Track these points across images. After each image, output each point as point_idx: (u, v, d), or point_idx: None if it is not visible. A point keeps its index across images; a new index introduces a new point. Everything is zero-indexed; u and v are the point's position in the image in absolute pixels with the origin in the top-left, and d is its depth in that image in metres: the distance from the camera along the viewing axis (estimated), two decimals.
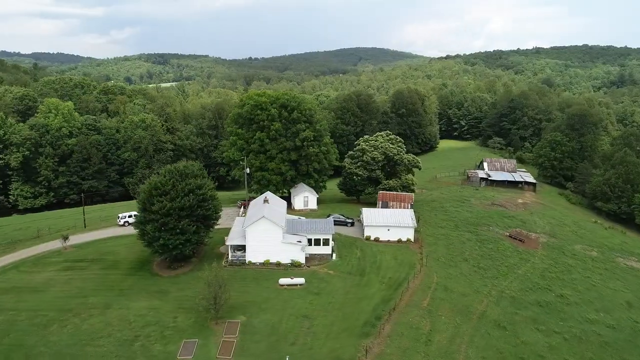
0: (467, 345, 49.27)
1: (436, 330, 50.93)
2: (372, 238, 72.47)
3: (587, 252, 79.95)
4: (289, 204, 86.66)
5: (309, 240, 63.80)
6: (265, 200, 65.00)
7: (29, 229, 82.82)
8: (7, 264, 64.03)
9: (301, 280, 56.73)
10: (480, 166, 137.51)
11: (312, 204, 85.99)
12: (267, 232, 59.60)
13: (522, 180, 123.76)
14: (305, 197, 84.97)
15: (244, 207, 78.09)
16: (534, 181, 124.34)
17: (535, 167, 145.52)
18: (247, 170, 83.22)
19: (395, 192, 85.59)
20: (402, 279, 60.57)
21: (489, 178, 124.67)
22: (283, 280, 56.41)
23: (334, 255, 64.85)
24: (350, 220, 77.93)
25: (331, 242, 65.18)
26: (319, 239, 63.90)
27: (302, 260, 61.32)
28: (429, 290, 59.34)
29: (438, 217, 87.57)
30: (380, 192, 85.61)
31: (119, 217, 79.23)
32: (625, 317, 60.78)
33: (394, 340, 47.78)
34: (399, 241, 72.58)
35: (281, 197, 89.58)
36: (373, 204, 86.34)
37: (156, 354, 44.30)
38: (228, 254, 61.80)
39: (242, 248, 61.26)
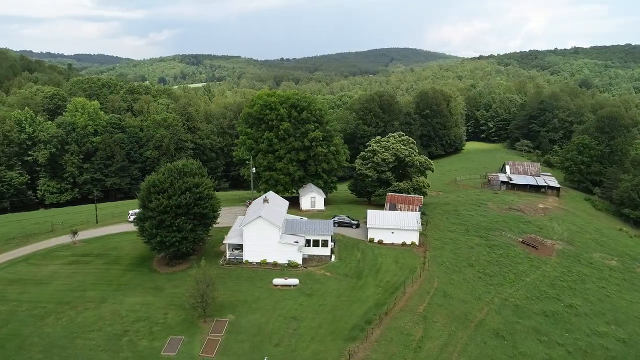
0: (459, 354, 47.62)
1: (428, 337, 49.46)
2: (375, 240, 71.29)
3: (606, 261, 76.14)
4: (297, 205, 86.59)
5: (308, 241, 63.31)
6: (265, 200, 64.95)
7: (46, 224, 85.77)
8: (18, 257, 66.49)
9: (295, 281, 56.30)
10: (502, 169, 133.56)
11: (320, 205, 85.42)
12: (264, 231, 59.47)
13: (545, 184, 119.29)
14: (312, 198, 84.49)
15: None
16: (558, 186, 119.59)
17: (561, 171, 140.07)
18: (254, 170, 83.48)
19: (403, 195, 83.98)
20: (399, 283, 59.23)
21: (510, 182, 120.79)
22: (277, 281, 56.14)
23: (333, 256, 64.12)
24: (355, 222, 76.97)
25: (330, 244, 64.46)
26: (318, 240, 63.26)
27: (299, 261, 60.89)
28: (427, 295, 57.77)
29: (449, 221, 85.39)
30: (389, 194, 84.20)
31: (129, 213, 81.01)
32: (639, 331, 57.47)
33: (381, 345, 46.69)
34: (403, 244, 71.10)
35: (290, 197, 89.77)
36: (383, 206, 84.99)
37: (141, 350, 44.83)
38: (226, 253, 62.05)
39: (240, 247, 61.41)
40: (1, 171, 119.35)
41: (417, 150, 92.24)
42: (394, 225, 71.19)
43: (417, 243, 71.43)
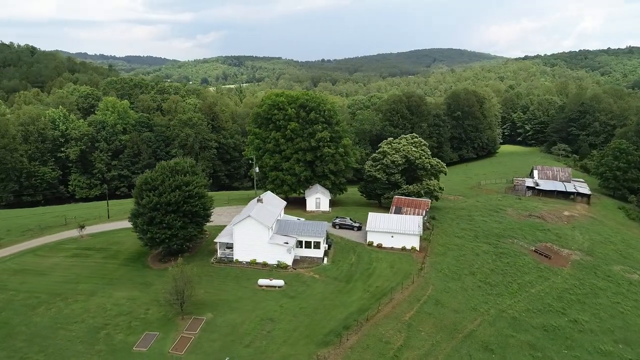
0: None
1: (408, 347, 47.55)
2: (375, 244, 69.59)
3: (627, 275, 70.86)
4: (304, 205, 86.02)
5: (300, 243, 62.64)
6: (259, 200, 64.80)
7: (64, 217, 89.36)
8: (28, 248, 69.59)
9: (280, 282, 55.74)
10: (531, 174, 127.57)
11: (325, 206, 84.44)
12: (254, 231, 59.31)
13: (574, 191, 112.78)
14: (317, 199, 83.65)
15: None
16: (589, 192, 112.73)
17: (596, 177, 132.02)
18: (257, 169, 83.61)
19: (410, 198, 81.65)
20: (390, 289, 57.37)
21: (537, 187, 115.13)
22: (262, 281, 55.79)
23: (326, 259, 63.07)
24: (357, 225, 75.45)
25: (324, 246, 63.48)
26: (310, 242, 62.42)
27: (289, 262, 60.28)
28: (417, 302, 55.66)
29: (459, 226, 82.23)
30: (395, 197, 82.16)
31: None
32: None
33: (355, 352, 45.29)
34: (403, 249, 69.02)
35: (297, 198, 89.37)
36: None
37: (116, 343, 45.63)
38: (217, 251, 62.34)
39: (231, 246, 61.50)
40: (35, 166, 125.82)
41: (429, 153, 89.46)
42: (393, 228, 69.26)
43: (417, 248, 69.14)
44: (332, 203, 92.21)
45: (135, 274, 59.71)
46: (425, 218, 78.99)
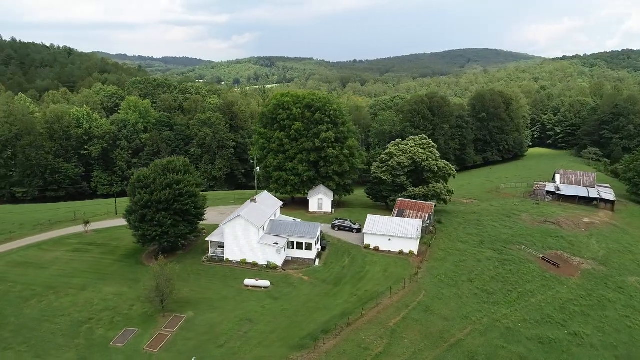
0: None
1: (388, 354, 46.14)
2: (371, 247, 68.21)
3: None
4: (307, 206, 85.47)
5: (293, 244, 62.05)
6: (253, 200, 64.61)
7: (77, 213, 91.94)
8: (34, 242, 71.85)
9: (266, 283, 55.33)
10: (553, 178, 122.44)
11: (327, 207, 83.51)
12: (244, 231, 59.16)
13: (597, 196, 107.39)
14: (319, 200, 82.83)
15: None
16: (613, 199, 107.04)
17: (624, 182, 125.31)
18: (257, 169, 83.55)
19: (414, 201, 79.63)
20: (379, 294, 56.00)
21: (557, 192, 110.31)
22: (248, 281, 55.55)
23: (318, 260, 62.24)
24: (356, 227, 74.19)
25: (316, 247, 62.68)
26: (302, 243, 61.72)
27: (279, 263, 59.80)
28: (405, 308, 54.03)
29: (465, 231, 79.62)
30: (399, 199, 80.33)
31: None
32: None
33: (330, 357, 44.29)
34: (401, 253, 67.34)
35: (302, 198, 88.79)
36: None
37: (95, 338, 46.35)
38: (209, 250, 62.56)
39: (223, 245, 61.56)
40: (59, 163, 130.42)
41: (437, 155, 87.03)
42: (391, 231, 67.68)
43: (415, 252, 67.29)
44: (338, 204, 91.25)
45: (128, 270, 60.64)
46: (429, 222, 76.87)
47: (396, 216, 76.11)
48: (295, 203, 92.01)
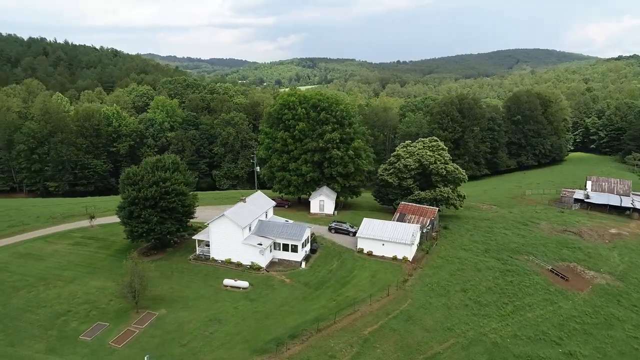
0: None
1: None
2: (365, 251, 66.17)
3: None
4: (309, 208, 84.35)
5: (279, 245, 61.13)
6: (242, 199, 64.22)
7: (91, 207, 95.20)
8: (41, 235, 74.72)
9: (245, 283, 54.70)
10: (584, 185, 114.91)
11: (329, 209, 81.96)
12: (228, 230, 58.83)
13: (630, 206, 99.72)
14: (320, 201, 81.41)
15: None
16: None
17: None
18: (258, 169, 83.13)
19: (417, 205, 76.71)
20: (359, 300, 54.05)
21: (587, 200, 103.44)
22: (227, 281, 55.13)
23: (304, 263, 60.95)
24: (353, 230, 72.28)
25: (303, 249, 61.43)
26: (288, 245, 60.68)
27: (262, 264, 59.03)
28: (385, 317, 51.79)
29: (471, 238, 75.88)
30: (402, 203, 77.68)
31: None
32: None
33: None
34: (394, 258, 64.89)
35: (307, 199, 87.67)
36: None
37: (67, 331, 47.28)
38: (196, 248, 62.72)
39: (209, 244, 61.56)
40: (88, 159, 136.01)
41: (446, 158, 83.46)
42: (385, 236, 65.37)
43: (409, 258, 64.64)
44: (343, 206, 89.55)
45: (118, 265, 61.39)
46: (430, 227, 73.78)
47: (397, 220, 73.64)
48: (301, 204, 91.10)
